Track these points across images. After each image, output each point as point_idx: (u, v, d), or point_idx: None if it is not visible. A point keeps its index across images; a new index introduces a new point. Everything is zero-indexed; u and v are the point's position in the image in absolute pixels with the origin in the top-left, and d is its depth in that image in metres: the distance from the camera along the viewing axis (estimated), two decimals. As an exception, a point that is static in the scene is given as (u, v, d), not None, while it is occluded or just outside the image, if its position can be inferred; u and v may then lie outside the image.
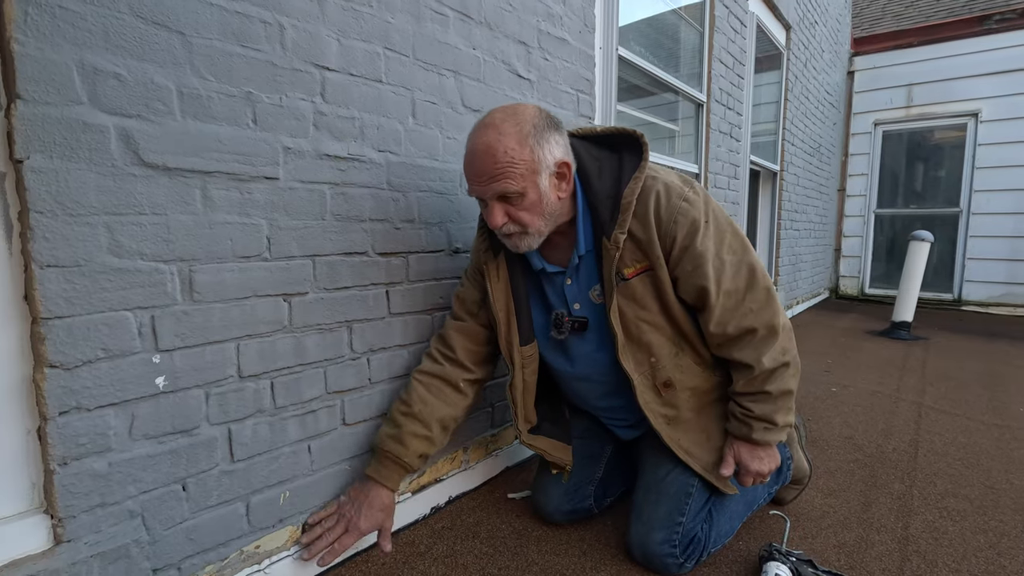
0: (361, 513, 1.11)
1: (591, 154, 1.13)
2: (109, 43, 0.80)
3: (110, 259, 0.82)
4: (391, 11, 1.19)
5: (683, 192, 1.08)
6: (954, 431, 2.01)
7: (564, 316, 1.18)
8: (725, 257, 1.08)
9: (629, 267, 1.10)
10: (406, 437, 1.16)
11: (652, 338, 1.13)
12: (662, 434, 1.17)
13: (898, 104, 5.35)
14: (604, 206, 1.09)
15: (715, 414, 1.21)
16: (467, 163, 1.04)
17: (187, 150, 0.89)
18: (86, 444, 0.81)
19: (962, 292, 5.12)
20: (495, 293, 1.20)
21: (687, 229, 1.05)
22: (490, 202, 1.04)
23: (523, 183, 1.01)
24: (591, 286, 1.16)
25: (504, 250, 1.19)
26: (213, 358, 0.95)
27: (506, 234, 1.07)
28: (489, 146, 1.00)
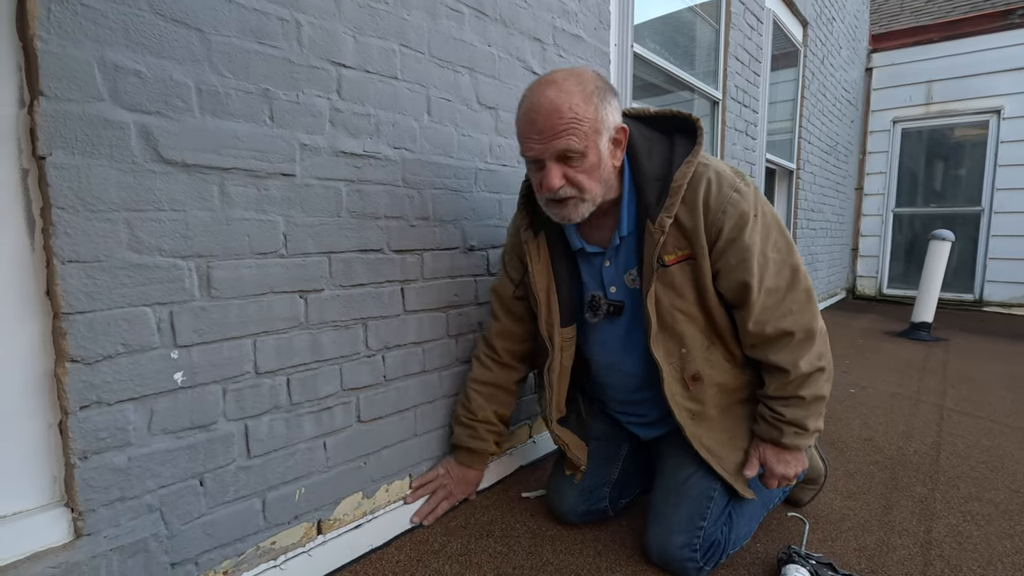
0: (459, 487, 1.36)
1: (642, 134, 1.11)
2: (129, 40, 0.80)
3: (130, 255, 0.82)
4: (407, 8, 1.19)
5: (734, 183, 1.06)
6: (977, 434, 1.96)
7: (600, 298, 1.16)
8: (770, 255, 1.06)
9: (671, 253, 1.07)
10: (482, 433, 1.33)
11: (685, 328, 1.11)
12: (685, 430, 1.15)
13: (917, 101, 5.26)
14: (651, 188, 1.07)
15: (740, 414, 1.19)
16: (526, 121, 1.00)
17: (205, 147, 0.89)
18: (106, 439, 0.82)
19: (983, 292, 5.01)
20: (536, 273, 1.18)
21: (735, 221, 1.03)
22: (548, 162, 1.00)
23: (586, 142, 0.99)
24: (628, 269, 1.14)
25: (545, 229, 1.18)
26: (230, 354, 0.95)
27: (561, 199, 1.03)
28: (553, 102, 0.97)
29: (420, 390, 1.31)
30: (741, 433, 1.18)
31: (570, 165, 1.01)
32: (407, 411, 1.28)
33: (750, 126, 3.05)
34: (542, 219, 1.16)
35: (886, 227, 5.55)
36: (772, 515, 1.38)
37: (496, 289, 1.33)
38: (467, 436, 1.33)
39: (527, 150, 1.02)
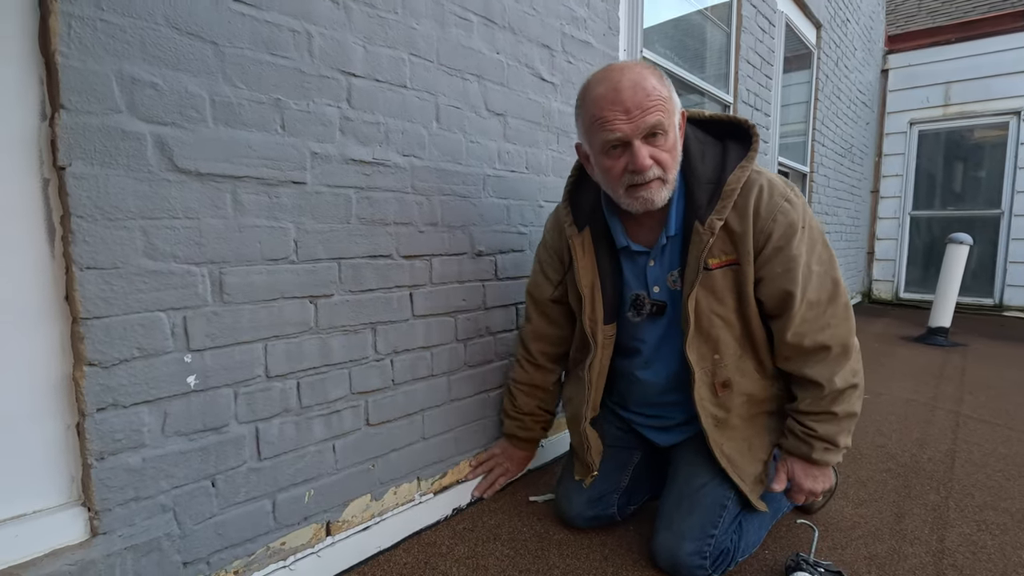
0: (514, 464, 1.48)
1: (696, 137, 1.12)
2: (146, 54, 0.83)
3: (145, 261, 0.85)
4: (416, 17, 1.21)
5: (786, 192, 1.07)
6: (994, 441, 1.93)
7: (645, 298, 1.17)
8: (814, 267, 1.07)
9: (715, 258, 1.08)
10: (529, 424, 1.44)
11: (721, 334, 1.12)
12: (708, 435, 1.15)
13: (935, 103, 5.18)
14: (703, 190, 1.07)
15: (762, 426, 1.19)
16: (609, 102, 0.98)
17: (218, 156, 0.92)
18: (122, 440, 0.84)
19: (1003, 297, 4.92)
20: (580, 269, 1.18)
21: (784, 230, 1.04)
22: (636, 141, 0.99)
23: (669, 119, 1.01)
24: (672, 270, 1.15)
25: (589, 226, 1.18)
26: (242, 358, 0.97)
27: (647, 180, 1.02)
28: (636, 81, 0.98)
29: (428, 394, 1.32)
30: (761, 445, 1.18)
31: (655, 144, 1.00)
32: (415, 415, 1.29)
33: (762, 129, 3.03)
34: (586, 215, 1.18)
35: (903, 230, 5.47)
36: (781, 522, 1.37)
37: (531, 291, 1.37)
38: (516, 427, 1.45)
39: (611, 131, 0.99)
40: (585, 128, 1.06)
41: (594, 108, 1.01)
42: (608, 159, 1.04)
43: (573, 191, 1.23)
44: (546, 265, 1.32)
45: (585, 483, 1.29)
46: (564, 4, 1.61)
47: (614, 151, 1.03)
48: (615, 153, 1.03)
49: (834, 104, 4.23)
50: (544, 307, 1.34)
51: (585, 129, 1.06)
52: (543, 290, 1.32)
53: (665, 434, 1.31)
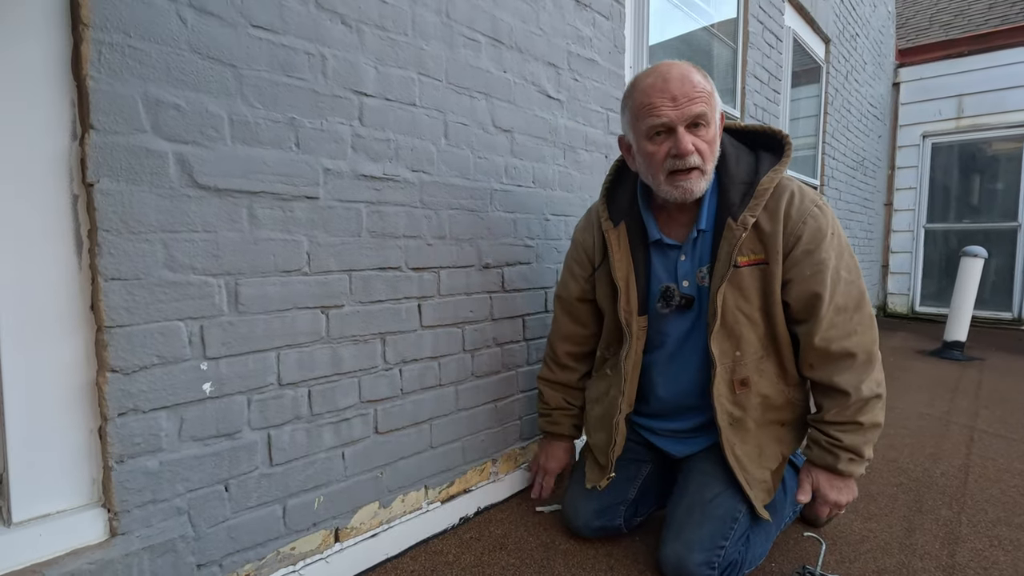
0: (552, 463, 1.49)
1: (732, 143, 1.19)
2: (170, 77, 0.88)
3: (166, 273, 0.89)
4: (425, 39, 1.25)
5: (816, 199, 1.12)
6: (1009, 457, 1.90)
7: (674, 290, 1.19)
8: (843, 273, 1.10)
9: (744, 256, 1.12)
10: (557, 419, 1.47)
11: (744, 331, 1.14)
12: (722, 433, 1.16)
13: (948, 115, 5.16)
14: (736, 190, 1.12)
15: (776, 435, 1.20)
16: (657, 90, 1.06)
17: (236, 172, 0.96)
18: (140, 444, 0.88)
19: (1022, 311, 4.83)
20: (616, 261, 1.23)
21: (814, 234, 1.08)
22: (680, 128, 1.06)
23: (712, 113, 1.08)
24: (701, 265, 1.18)
25: (625, 220, 1.24)
26: (255, 366, 1.01)
27: (689, 167, 1.07)
28: (683, 74, 1.06)
29: (435, 403, 1.35)
30: (772, 454, 1.19)
31: (697, 134, 1.07)
32: (423, 423, 1.32)
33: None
34: (622, 211, 1.24)
35: (917, 243, 5.42)
36: (789, 534, 1.37)
37: (559, 294, 1.42)
38: (546, 423, 1.49)
39: (657, 116, 1.06)
40: (632, 116, 1.12)
41: (642, 96, 1.08)
42: (652, 144, 1.10)
43: (610, 189, 1.29)
44: (573, 263, 1.37)
45: (600, 485, 1.29)
46: (570, 24, 1.65)
47: (658, 137, 1.09)
48: (659, 139, 1.09)
49: (844, 117, 4.23)
50: (570, 306, 1.39)
51: (632, 117, 1.12)
52: (570, 289, 1.38)
53: (680, 444, 1.31)
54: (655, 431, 1.33)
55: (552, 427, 1.47)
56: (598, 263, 1.30)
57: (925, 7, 6.16)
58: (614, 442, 1.27)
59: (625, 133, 1.19)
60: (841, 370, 1.10)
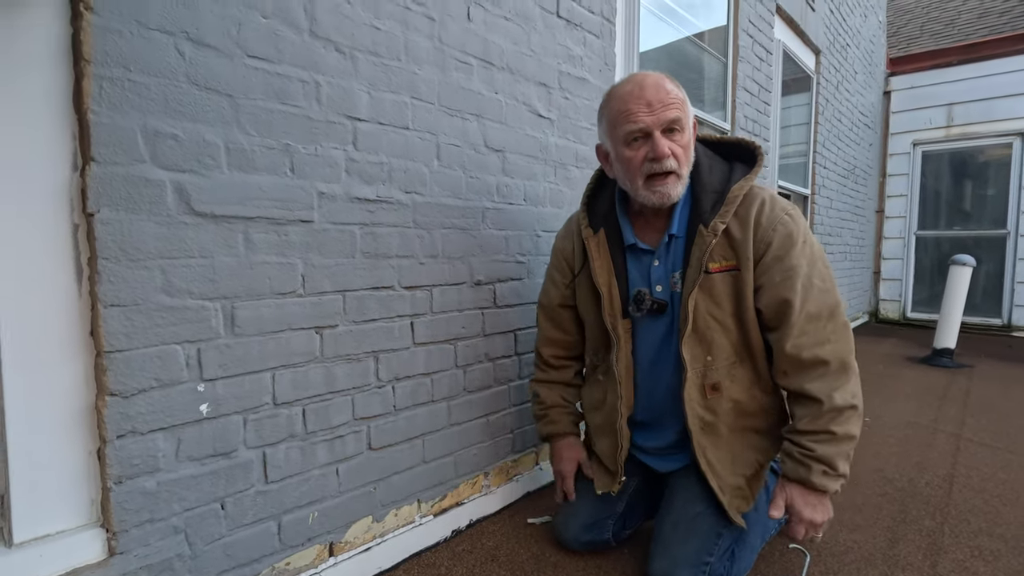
0: (565, 465, 1.42)
1: (706, 154, 1.23)
2: (168, 108, 0.91)
3: (163, 298, 0.91)
4: (418, 63, 1.29)
5: (787, 207, 1.15)
6: (994, 466, 1.94)
7: (646, 294, 1.21)
8: (815, 281, 1.11)
9: (716, 262, 1.14)
10: (554, 416, 1.43)
11: (716, 337, 1.16)
12: (693, 437, 1.18)
13: (938, 124, 5.22)
14: (708, 197, 1.16)
15: (749, 443, 1.21)
16: (633, 97, 1.10)
17: (232, 199, 0.99)
18: (139, 465, 0.90)
19: (1012, 317, 4.89)
20: (597, 267, 1.26)
21: (783, 240, 1.11)
22: (656, 132, 1.10)
23: (686, 119, 1.13)
24: (674, 271, 1.21)
25: (604, 228, 1.27)
26: (251, 387, 1.04)
27: (666, 171, 1.11)
28: (658, 82, 1.11)
29: (428, 419, 1.37)
30: (745, 460, 1.20)
31: (672, 139, 1.11)
32: (416, 439, 1.34)
33: (761, 154, 3.09)
34: (601, 219, 1.28)
35: (908, 250, 5.47)
36: (774, 547, 1.40)
37: (541, 302, 1.45)
38: (543, 425, 1.45)
39: (634, 122, 1.10)
40: (609, 123, 1.16)
41: (619, 103, 1.12)
42: (630, 150, 1.14)
43: (591, 197, 1.33)
44: (554, 271, 1.40)
45: (613, 491, 1.31)
46: (561, 44, 1.69)
47: (635, 143, 1.13)
48: (636, 144, 1.13)
49: (835, 127, 4.28)
50: (552, 312, 1.41)
51: (609, 124, 1.16)
52: (551, 296, 1.40)
53: (664, 460, 1.33)
54: (640, 447, 1.35)
55: (551, 427, 1.44)
56: (578, 270, 1.33)
57: (916, 16, 6.24)
58: (620, 446, 1.29)
59: (603, 141, 1.22)
60: (813, 378, 1.10)
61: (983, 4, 5.73)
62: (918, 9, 6.33)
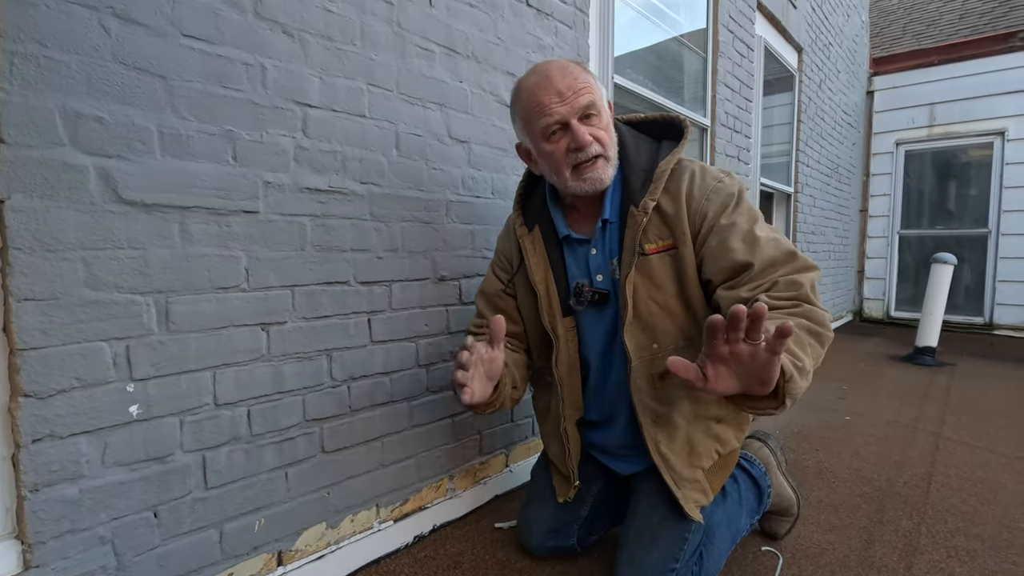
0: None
1: (632, 135, 1.18)
2: (92, 88, 0.85)
3: (87, 292, 0.85)
4: (375, 49, 1.23)
5: (717, 174, 1.11)
6: (972, 465, 1.91)
7: (585, 286, 1.17)
8: (759, 233, 1.02)
9: (651, 243, 1.09)
10: None
11: (660, 322, 1.11)
12: (644, 430, 1.12)
13: (920, 123, 5.24)
14: (637, 177, 1.12)
15: (708, 432, 1.15)
16: (542, 89, 1.05)
17: (166, 186, 0.93)
18: (58, 471, 0.84)
19: (994, 316, 4.91)
20: (533, 265, 1.21)
21: (718, 207, 1.06)
22: (573, 121, 1.05)
23: (600, 101, 1.08)
24: (612, 257, 1.16)
25: (538, 223, 1.22)
26: (188, 387, 0.97)
27: (592, 157, 1.07)
28: (564, 68, 1.06)
29: (388, 420, 1.32)
30: (703, 451, 1.14)
31: (590, 124, 1.07)
32: (374, 441, 1.29)
33: (742, 151, 3.07)
34: (534, 216, 1.23)
35: (892, 249, 5.49)
36: (747, 549, 1.36)
37: (482, 289, 1.35)
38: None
39: (549, 115, 1.05)
40: (523, 120, 1.11)
41: (529, 97, 1.07)
42: (549, 144, 1.08)
43: (524, 195, 1.28)
44: (497, 268, 1.33)
45: (569, 496, 1.26)
46: (531, 33, 1.64)
47: (554, 136, 1.07)
48: (555, 137, 1.07)
49: (818, 125, 4.27)
50: (494, 299, 1.30)
51: (523, 121, 1.11)
52: (493, 284, 1.31)
53: (625, 463, 1.28)
54: (600, 448, 1.30)
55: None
56: (516, 267, 1.27)
57: (898, 17, 6.27)
58: (567, 451, 1.24)
59: (521, 140, 1.17)
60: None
61: (964, 5, 5.77)
62: (900, 10, 6.37)
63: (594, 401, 1.27)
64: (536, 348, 1.31)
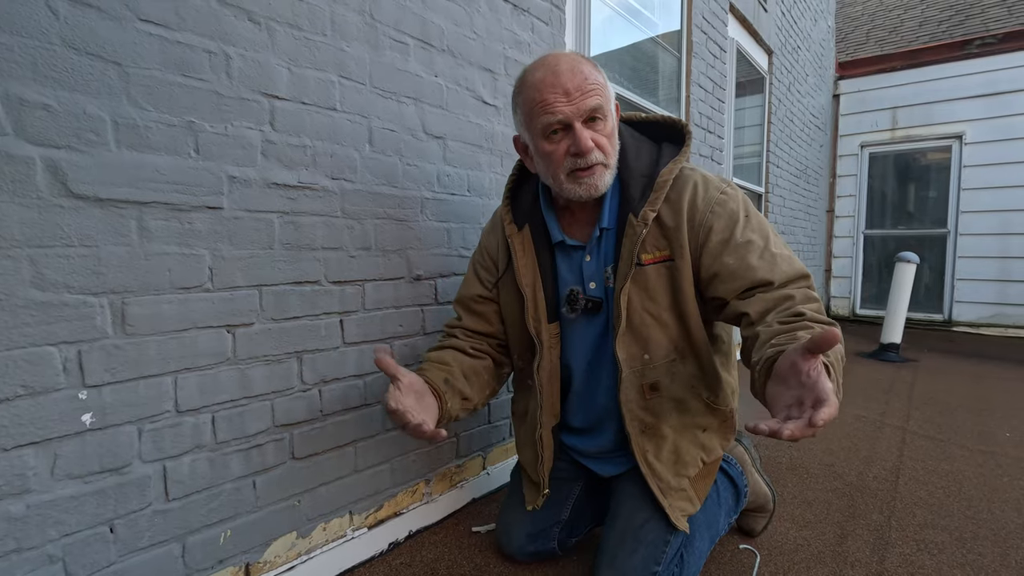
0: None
1: (632, 136, 1.14)
2: (38, 74, 0.79)
3: (33, 293, 0.79)
4: (346, 40, 1.19)
5: (721, 185, 1.07)
6: (937, 458, 1.96)
7: (579, 293, 1.13)
8: (775, 251, 1.00)
9: (648, 253, 1.06)
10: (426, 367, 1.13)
11: (653, 334, 1.09)
12: (632, 440, 1.11)
13: (883, 127, 5.41)
14: (636, 184, 1.08)
15: (695, 442, 1.14)
16: (548, 85, 0.99)
17: (121, 181, 0.87)
18: (2, 486, 0.78)
19: (952, 313, 5.10)
20: (521, 267, 1.16)
21: (725, 220, 1.02)
22: (577, 124, 0.99)
23: (607, 104, 1.02)
24: (607, 265, 1.13)
25: (529, 224, 1.17)
26: (147, 392, 0.92)
27: (590, 164, 1.02)
28: (574, 66, 0.99)
29: (361, 424, 1.27)
30: (689, 460, 1.14)
31: (594, 128, 1.01)
32: (346, 447, 1.24)
33: (715, 151, 3.10)
34: (525, 214, 1.18)
35: (857, 248, 5.65)
36: (725, 548, 1.36)
37: (460, 295, 1.29)
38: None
39: (552, 113, 0.99)
40: (525, 114, 1.05)
41: (533, 92, 1.01)
42: (549, 144, 1.04)
43: (513, 190, 1.23)
44: (479, 267, 1.27)
45: (538, 504, 1.24)
46: (507, 28, 1.61)
47: (555, 136, 1.03)
48: (556, 137, 1.03)
49: (787, 127, 4.36)
50: (473, 303, 1.25)
51: (525, 115, 1.05)
52: (472, 288, 1.26)
53: (607, 464, 1.26)
54: (582, 452, 1.28)
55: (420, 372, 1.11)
56: (503, 269, 1.23)
57: (863, 23, 6.46)
58: (540, 458, 1.22)
59: (519, 133, 1.12)
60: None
61: (923, 13, 5.97)
62: (864, 16, 6.56)
63: (578, 408, 1.25)
64: (518, 351, 1.27)
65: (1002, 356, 3.90)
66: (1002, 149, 4.79)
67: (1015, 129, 4.73)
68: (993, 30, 4.97)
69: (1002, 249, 4.83)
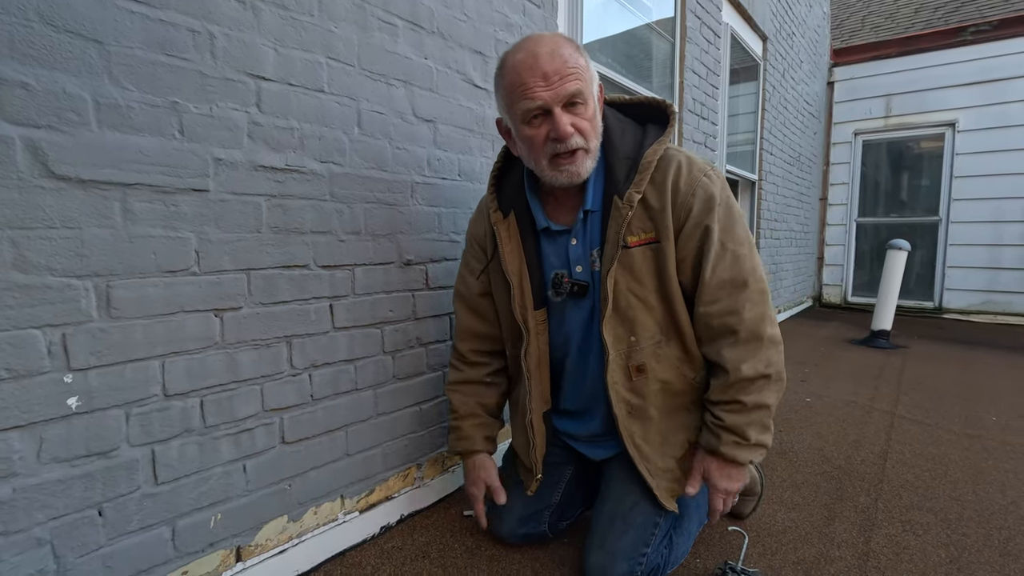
0: (474, 487, 1.29)
1: (616, 118, 1.13)
2: (15, 51, 0.77)
3: (15, 275, 0.78)
4: (334, 20, 1.17)
5: (705, 168, 1.07)
6: (924, 442, 1.99)
7: (564, 277, 1.13)
8: (728, 246, 1.04)
9: (634, 235, 1.06)
10: (467, 431, 1.28)
11: (639, 316, 1.09)
12: (619, 422, 1.12)
13: (877, 114, 5.40)
14: (621, 165, 1.07)
15: (681, 422, 1.15)
16: (526, 68, 0.98)
17: (104, 162, 0.86)
18: (-13, 469, 0.77)
19: (943, 300, 5.14)
20: (507, 254, 1.16)
21: (704, 204, 1.04)
22: (556, 109, 0.99)
23: (588, 88, 1.01)
24: (592, 248, 1.12)
25: (514, 210, 1.17)
26: (134, 376, 0.91)
27: (571, 149, 1.01)
28: (554, 49, 0.98)
29: (352, 409, 1.27)
30: (676, 441, 1.15)
31: (575, 113, 1.01)
32: (337, 431, 1.24)
33: (709, 138, 3.09)
34: (510, 200, 1.17)
35: (850, 236, 5.67)
36: (714, 530, 1.38)
37: (458, 290, 1.31)
38: (454, 439, 1.31)
39: (530, 98, 0.98)
40: (505, 98, 1.05)
41: (513, 75, 1.00)
42: (529, 128, 1.03)
43: (499, 176, 1.22)
44: (471, 258, 1.28)
45: (531, 489, 1.25)
46: (498, 10, 1.59)
47: (535, 120, 1.02)
48: (536, 122, 1.02)
49: (781, 114, 4.35)
50: (472, 302, 1.29)
51: (505, 99, 1.05)
52: (470, 285, 1.28)
53: (598, 448, 1.27)
54: (573, 436, 1.29)
55: (461, 444, 1.29)
56: (490, 255, 1.23)
57: (857, 9, 6.43)
58: (532, 443, 1.23)
59: (501, 116, 1.12)
60: (724, 346, 1.05)
61: (919, -1, 5.94)
62: (859, 3, 6.52)
63: (569, 393, 1.26)
64: (508, 339, 1.28)
65: (991, 342, 3.94)
66: (995, 137, 4.80)
67: (1009, 117, 4.74)
68: (988, 16, 4.96)
69: (994, 237, 4.85)
